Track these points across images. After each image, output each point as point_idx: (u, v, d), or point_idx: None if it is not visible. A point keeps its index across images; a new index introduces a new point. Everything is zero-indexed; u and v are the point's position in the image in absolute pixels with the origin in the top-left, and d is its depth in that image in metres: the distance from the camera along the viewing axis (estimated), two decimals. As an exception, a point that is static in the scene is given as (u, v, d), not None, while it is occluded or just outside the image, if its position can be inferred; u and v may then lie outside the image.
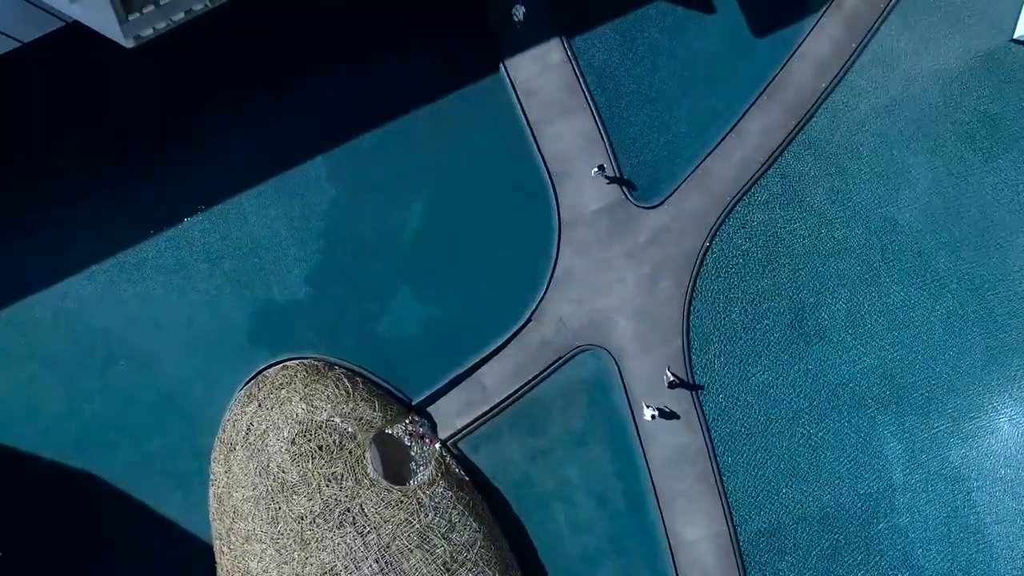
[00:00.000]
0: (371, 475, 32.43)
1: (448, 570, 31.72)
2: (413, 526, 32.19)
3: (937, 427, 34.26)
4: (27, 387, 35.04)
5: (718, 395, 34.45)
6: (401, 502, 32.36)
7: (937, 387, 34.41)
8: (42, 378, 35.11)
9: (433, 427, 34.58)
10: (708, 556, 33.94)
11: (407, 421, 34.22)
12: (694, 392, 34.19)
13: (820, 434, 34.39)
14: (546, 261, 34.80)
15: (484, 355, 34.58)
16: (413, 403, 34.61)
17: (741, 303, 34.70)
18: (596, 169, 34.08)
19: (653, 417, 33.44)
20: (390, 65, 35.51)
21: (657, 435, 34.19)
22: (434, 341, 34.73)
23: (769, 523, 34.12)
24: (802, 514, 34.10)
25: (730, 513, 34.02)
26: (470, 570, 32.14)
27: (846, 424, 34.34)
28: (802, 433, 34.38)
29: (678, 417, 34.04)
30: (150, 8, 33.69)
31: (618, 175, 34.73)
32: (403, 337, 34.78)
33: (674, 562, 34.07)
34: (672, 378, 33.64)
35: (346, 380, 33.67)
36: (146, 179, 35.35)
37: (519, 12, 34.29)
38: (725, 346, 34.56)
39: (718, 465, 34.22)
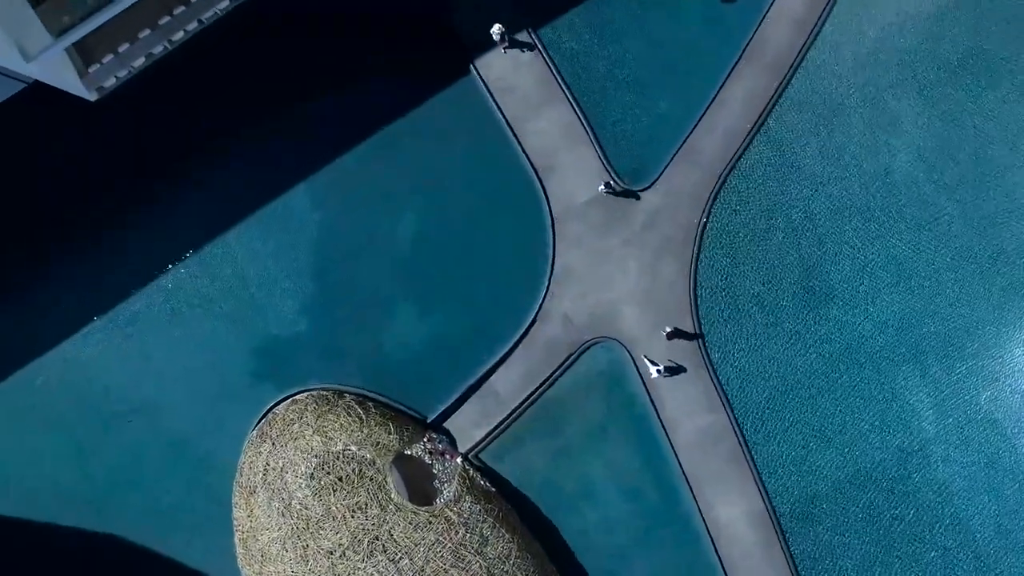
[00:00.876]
0: (396, 499, 31.79)
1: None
2: (445, 546, 31.55)
3: (959, 371, 33.60)
4: (38, 457, 34.41)
5: (736, 370, 33.82)
6: (430, 523, 31.72)
7: (954, 331, 33.72)
8: (52, 445, 34.47)
9: (452, 442, 33.92)
10: (747, 534, 33.29)
11: (425, 439, 33.57)
12: (712, 371, 33.50)
13: (844, 395, 33.72)
14: (543, 259, 34.18)
15: (494, 362, 33.94)
16: (428, 420, 33.95)
17: (747, 274, 34.04)
18: (602, 186, 33.32)
19: (659, 372, 32.72)
20: (362, 85, 34.97)
21: (680, 419, 33.55)
22: (441, 355, 34.09)
23: (804, 492, 33.43)
24: (837, 478, 33.43)
25: (764, 488, 33.36)
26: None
27: (868, 381, 33.69)
28: (825, 397, 33.72)
29: (685, 370, 33.26)
30: (109, 57, 33.20)
31: (607, 166, 34.06)
32: (409, 355, 34.15)
33: (714, 545, 33.39)
34: (670, 330, 32.94)
35: (357, 407, 33.02)
36: (126, 230, 34.76)
37: (498, 33, 33.51)
38: (736, 320, 33.91)
39: (745, 441, 33.56)
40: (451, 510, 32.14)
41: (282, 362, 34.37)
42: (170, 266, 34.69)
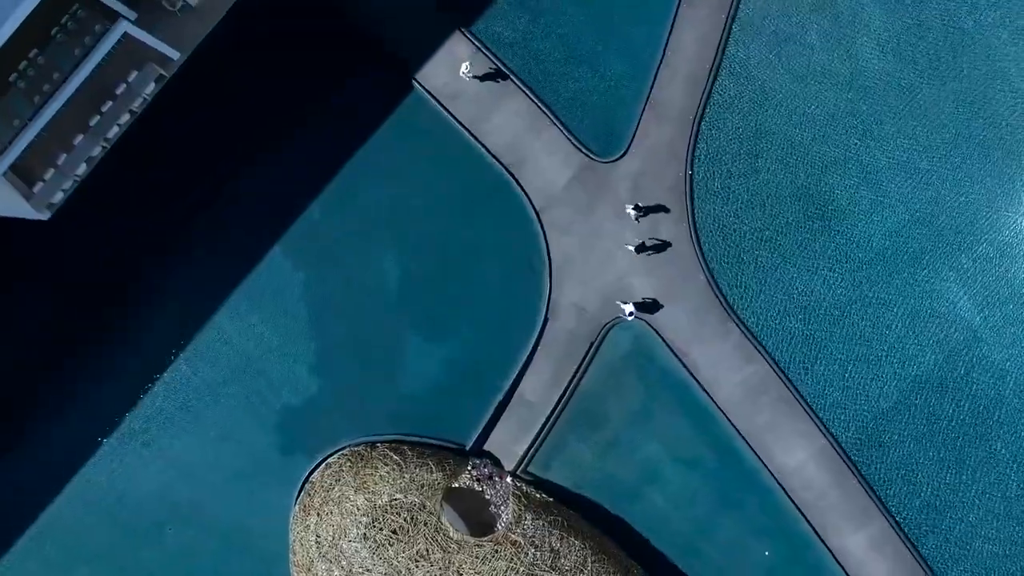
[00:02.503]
0: (456, 537, 30.62)
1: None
2: (518, 570, 30.36)
3: (982, 252, 32.37)
4: (86, 591, 33.46)
5: (762, 312, 32.63)
6: (496, 552, 30.53)
7: (966, 214, 32.45)
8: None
9: (497, 463, 32.74)
10: (817, 475, 32.09)
11: (469, 468, 32.38)
12: (739, 322, 32.31)
13: (874, 310, 32.51)
14: (538, 256, 33.07)
15: (517, 372, 32.78)
16: (468, 448, 32.79)
17: (747, 213, 32.84)
18: (632, 209, 31.97)
19: (631, 315, 31.64)
20: (311, 130, 33.95)
21: (718, 377, 32.35)
22: (462, 379, 33.05)
23: (862, 417, 32.26)
24: (890, 394, 32.27)
25: (821, 423, 32.20)
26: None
27: (898, 290, 32.46)
28: (856, 316, 32.53)
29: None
30: (50, 173, 32.21)
31: (576, 144, 32.82)
32: (430, 388, 33.11)
33: (787, 495, 32.21)
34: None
35: (393, 454, 31.86)
36: (113, 344, 33.82)
37: (467, 69, 32.39)
38: (749, 262, 32.73)
39: (790, 381, 32.33)
40: (514, 532, 30.94)
41: (306, 429, 33.35)
42: (167, 364, 33.68)
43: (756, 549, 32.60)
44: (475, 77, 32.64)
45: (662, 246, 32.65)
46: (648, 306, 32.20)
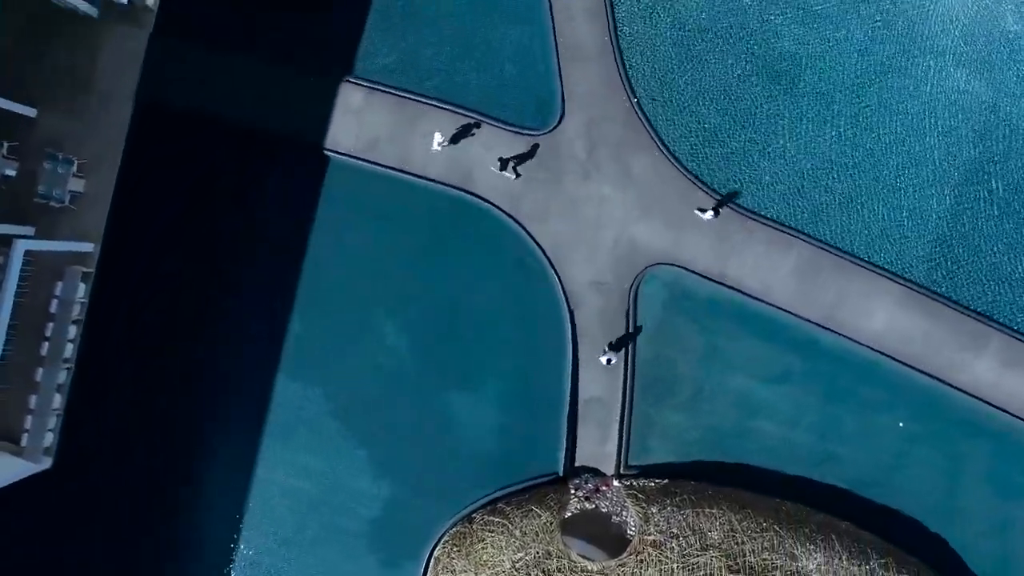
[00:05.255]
0: (596, 569, 28.23)
1: (741, 570, 27.50)
2: (671, 569, 27.94)
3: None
4: None
5: (775, 196, 30.32)
6: (641, 561, 28.15)
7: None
8: None
9: (596, 473, 30.39)
10: (911, 323, 29.79)
11: (572, 492, 30.07)
12: (760, 218, 29.93)
13: (889, 138, 30.29)
14: (530, 253, 30.83)
15: (570, 377, 30.53)
16: (561, 473, 30.49)
17: (709, 108, 30.59)
18: (710, 214, 29.68)
19: (609, 362, 29.81)
20: (255, 253, 32.17)
21: (766, 279, 30.05)
22: (519, 411, 31.03)
23: (927, 244, 30.06)
24: (946, 205, 29.99)
25: (889, 272, 29.90)
26: (753, 550, 27.86)
27: (900, 105, 30.15)
28: (878, 153, 30.35)
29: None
30: (28, 419, 30.39)
31: (513, 129, 30.49)
32: (494, 436, 31.07)
33: (892, 358, 29.83)
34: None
35: (492, 517, 29.64)
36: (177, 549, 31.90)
37: (440, 139, 30.20)
38: (736, 157, 30.45)
39: (837, 248, 30.05)
40: (648, 533, 28.53)
41: (398, 534, 31.39)
42: (231, 543, 31.88)
43: (888, 426, 30.30)
44: (447, 144, 30.32)
45: (645, 183, 30.25)
46: (623, 339, 30.06)
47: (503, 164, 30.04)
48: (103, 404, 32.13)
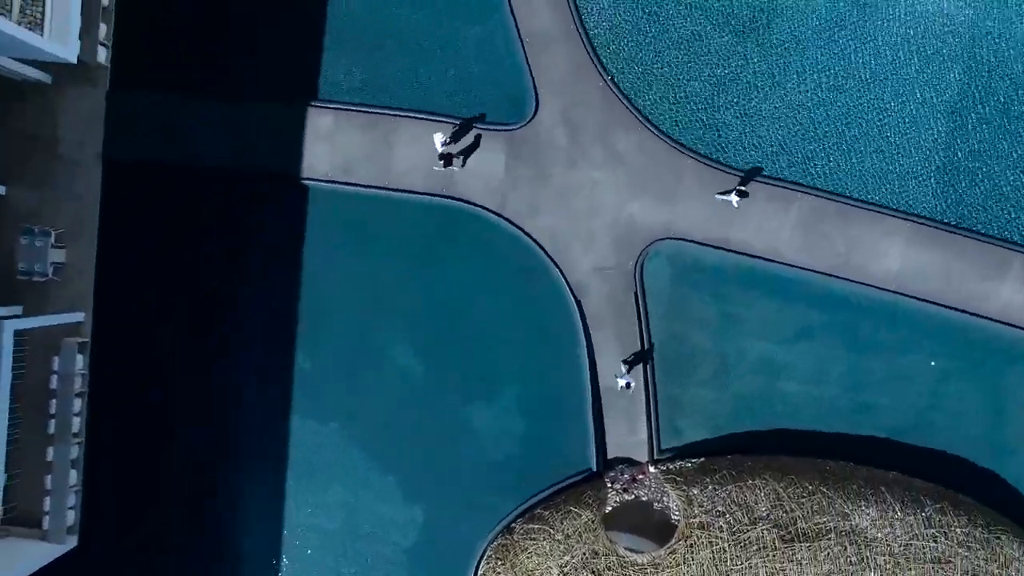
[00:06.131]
0: (646, 561, 27.40)
1: (795, 538, 26.68)
2: (723, 548, 27.10)
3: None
4: None
5: (765, 153, 29.42)
6: (691, 545, 27.28)
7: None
8: None
9: (631, 462, 29.55)
10: (928, 258, 28.97)
11: (608, 486, 29.24)
12: (769, 179, 29.12)
13: (866, 72, 29.48)
14: (528, 250, 29.96)
15: (588, 368, 29.71)
16: (595, 469, 29.67)
17: (686, 75, 29.77)
18: (734, 196, 28.64)
19: (628, 386, 28.81)
20: (246, 294, 31.28)
21: (772, 237, 29.18)
22: (542, 412, 30.14)
23: (930, 175, 29.20)
24: (942, 131, 29.17)
25: (895, 211, 29.09)
26: (804, 515, 27.02)
27: (878, 36, 29.40)
28: (856, 92, 29.50)
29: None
30: (47, 501, 29.64)
31: (488, 128, 29.67)
32: (520, 442, 30.24)
33: (913, 297, 29.07)
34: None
35: (532, 524, 28.84)
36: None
37: (443, 138, 29.30)
38: (718, 114, 29.71)
39: (838, 194, 29.22)
40: (693, 516, 27.68)
41: (439, 557, 30.56)
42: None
43: (920, 367, 29.48)
44: (450, 142, 29.51)
45: (633, 160, 29.44)
46: (639, 355, 29.31)
47: (446, 160, 29.22)
48: (121, 472, 31.35)
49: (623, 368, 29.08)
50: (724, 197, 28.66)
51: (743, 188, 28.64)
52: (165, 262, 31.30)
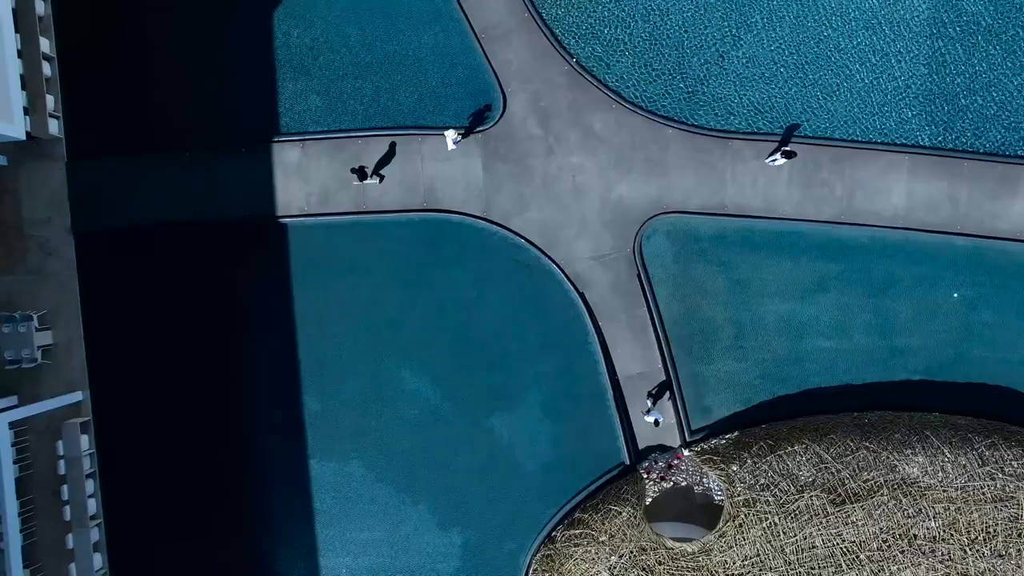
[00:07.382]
0: (695, 549, 26.31)
1: (846, 499, 25.56)
2: (773, 521, 26.01)
3: None
4: None
5: (746, 108, 28.45)
6: (740, 526, 26.17)
7: None
8: None
9: (663, 449, 28.49)
10: (933, 189, 27.88)
11: (644, 477, 28.17)
12: (737, 135, 27.97)
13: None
14: (521, 249, 28.97)
15: (604, 361, 28.74)
16: (628, 462, 28.60)
17: (654, 45, 28.72)
18: (779, 157, 27.53)
19: (657, 423, 27.92)
20: (241, 343, 30.31)
21: (769, 194, 28.14)
22: (565, 412, 29.10)
23: (921, 102, 28.11)
24: (920, 58, 27.96)
25: (893, 145, 28.07)
26: (851, 475, 25.90)
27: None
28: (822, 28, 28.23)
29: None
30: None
31: (466, 132, 28.61)
32: (548, 446, 29.18)
33: (925, 231, 28.04)
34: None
35: (573, 530, 27.80)
36: None
37: (455, 137, 28.31)
38: (693, 80, 28.67)
39: (830, 137, 28.07)
40: (737, 493, 26.56)
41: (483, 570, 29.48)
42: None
43: (943, 301, 28.32)
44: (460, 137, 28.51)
45: (612, 139, 28.41)
46: (662, 387, 28.45)
47: (360, 174, 28.28)
48: (146, 549, 30.44)
49: (648, 403, 28.13)
50: (772, 161, 27.55)
51: (788, 148, 27.49)
52: (156, 325, 30.39)
